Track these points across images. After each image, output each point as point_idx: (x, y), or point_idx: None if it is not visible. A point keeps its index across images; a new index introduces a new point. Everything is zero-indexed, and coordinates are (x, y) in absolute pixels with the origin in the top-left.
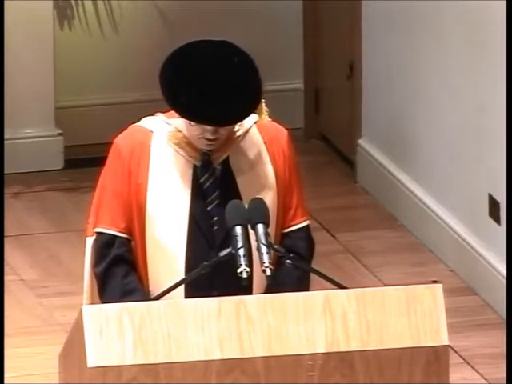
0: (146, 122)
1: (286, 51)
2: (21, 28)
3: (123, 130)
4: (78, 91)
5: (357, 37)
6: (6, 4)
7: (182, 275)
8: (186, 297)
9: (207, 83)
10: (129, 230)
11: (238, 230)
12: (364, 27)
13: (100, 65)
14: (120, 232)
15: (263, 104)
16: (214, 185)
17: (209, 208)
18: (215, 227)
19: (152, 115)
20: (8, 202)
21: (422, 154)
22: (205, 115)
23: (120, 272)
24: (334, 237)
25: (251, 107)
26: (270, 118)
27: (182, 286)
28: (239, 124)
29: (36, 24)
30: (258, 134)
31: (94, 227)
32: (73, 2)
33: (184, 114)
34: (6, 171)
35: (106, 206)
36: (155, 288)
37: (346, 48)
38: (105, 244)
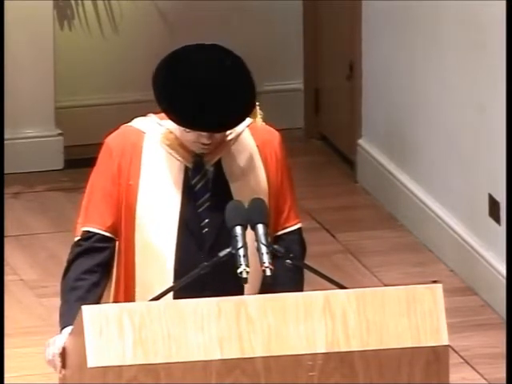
0: (138, 123)
1: (286, 51)
2: (21, 28)
3: (111, 131)
4: (78, 91)
5: (357, 37)
6: (6, 4)
7: (171, 276)
8: (175, 298)
9: (201, 90)
10: (114, 230)
11: (238, 230)
12: (364, 27)
13: (100, 65)
14: (104, 231)
15: (257, 107)
16: (206, 187)
17: (199, 210)
18: (205, 229)
19: (144, 116)
20: (8, 202)
21: (422, 154)
22: (200, 123)
23: (83, 265)
24: (334, 237)
25: (246, 112)
26: (265, 121)
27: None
28: None
29: (36, 24)
30: (250, 136)
31: (81, 227)
32: (73, 2)
33: (179, 122)
34: (6, 171)
35: (95, 205)
36: (142, 289)
37: (346, 48)
38: (84, 238)
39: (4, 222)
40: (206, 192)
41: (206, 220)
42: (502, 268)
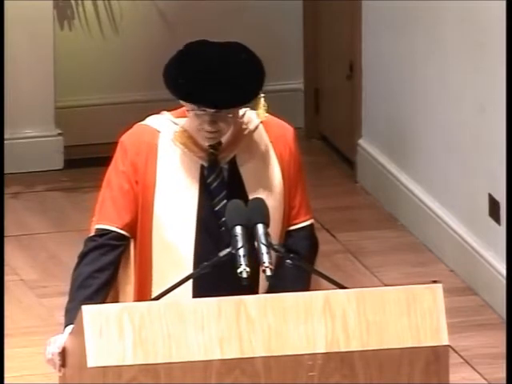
0: (153, 121)
1: (286, 51)
2: (21, 28)
3: (125, 130)
4: (78, 91)
5: (357, 37)
6: (6, 4)
7: None
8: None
9: (207, 67)
10: (130, 228)
11: (238, 229)
12: (364, 27)
13: (100, 65)
14: (120, 229)
15: (262, 99)
16: (222, 185)
17: (216, 208)
18: (223, 228)
19: (157, 114)
20: (8, 202)
21: (422, 154)
22: (201, 97)
23: (96, 262)
24: (334, 237)
25: (250, 94)
26: (269, 114)
27: (190, 289)
28: (245, 123)
29: (36, 24)
30: (264, 132)
31: (96, 224)
32: (73, 2)
33: (181, 95)
34: (6, 171)
35: (111, 203)
36: (160, 287)
37: (346, 48)
38: (99, 234)
39: (4, 222)
40: (222, 190)
41: (223, 218)
42: (502, 268)
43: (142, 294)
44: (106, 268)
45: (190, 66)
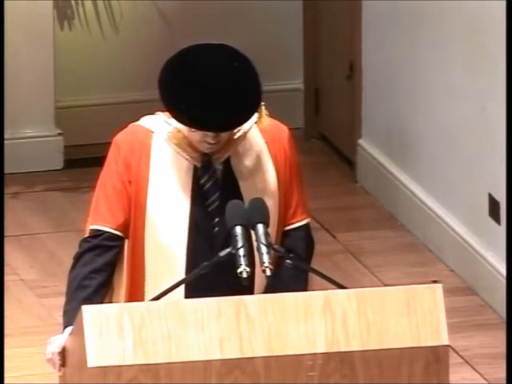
0: (147, 122)
1: (286, 51)
2: (21, 28)
3: (120, 130)
4: (78, 91)
5: (357, 37)
6: (6, 4)
7: (182, 276)
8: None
9: (206, 91)
10: (124, 228)
11: (238, 229)
12: (364, 27)
13: (100, 65)
14: (114, 229)
15: (263, 107)
16: (215, 186)
17: (209, 209)
18: (216, 229)
19: (152, 114)
20: (8, 202)
21: (422, 154)
22: (205, 123)
23: (92, 263)
24: (334, 237)
25: (251, 112)
26: (270, 117)
27: (182, 289)
28: None
29: (36, 24)
30: (259, 133)
31: (91, 225)
32: (73, 2)
33: (184, 121)
34: (6, 171)
35: (104, 203)
36: (153, 288)
37: (346, 48)
38: (93, 235)
39: (4, 222)
40: (216, 191)
41: (216, 219)
42: (502, 268)
43: (135, 294)
44: (103, 269)
45: (188, 89)
